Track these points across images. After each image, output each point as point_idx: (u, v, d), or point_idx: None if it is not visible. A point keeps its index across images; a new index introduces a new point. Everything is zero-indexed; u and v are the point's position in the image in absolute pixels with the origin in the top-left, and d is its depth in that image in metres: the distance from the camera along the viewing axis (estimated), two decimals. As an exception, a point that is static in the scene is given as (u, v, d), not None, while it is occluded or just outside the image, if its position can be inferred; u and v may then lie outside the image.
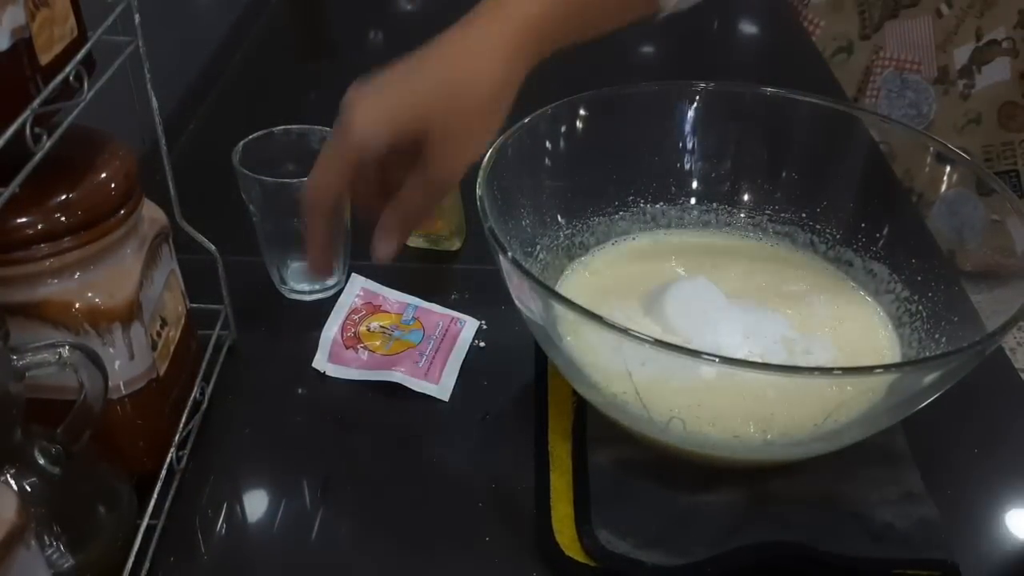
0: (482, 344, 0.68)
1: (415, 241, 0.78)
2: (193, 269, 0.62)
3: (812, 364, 0.57)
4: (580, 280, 0.65)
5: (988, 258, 0.59)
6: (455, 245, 0.78)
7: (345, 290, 0.69)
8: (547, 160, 0.65)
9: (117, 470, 0.52)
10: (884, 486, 0.55)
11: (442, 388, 0.63)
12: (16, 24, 0.42)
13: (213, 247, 0.62)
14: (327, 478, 0.58)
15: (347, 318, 0.67)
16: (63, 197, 0.48)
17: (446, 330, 0.67)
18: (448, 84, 0.51)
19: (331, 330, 0.66)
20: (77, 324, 0.49)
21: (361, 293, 0.69)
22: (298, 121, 0.70)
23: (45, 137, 0.43)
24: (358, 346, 0.65)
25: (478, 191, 0.56)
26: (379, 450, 0.60)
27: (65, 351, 0.45)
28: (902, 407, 0.53)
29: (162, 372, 0.56)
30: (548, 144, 0.64)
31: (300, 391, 0.64)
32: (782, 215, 0.68)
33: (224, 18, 1.17)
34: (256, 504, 0.57)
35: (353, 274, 0.71)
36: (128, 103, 0.56)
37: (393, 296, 0.69)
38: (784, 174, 0.68)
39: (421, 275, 0.76)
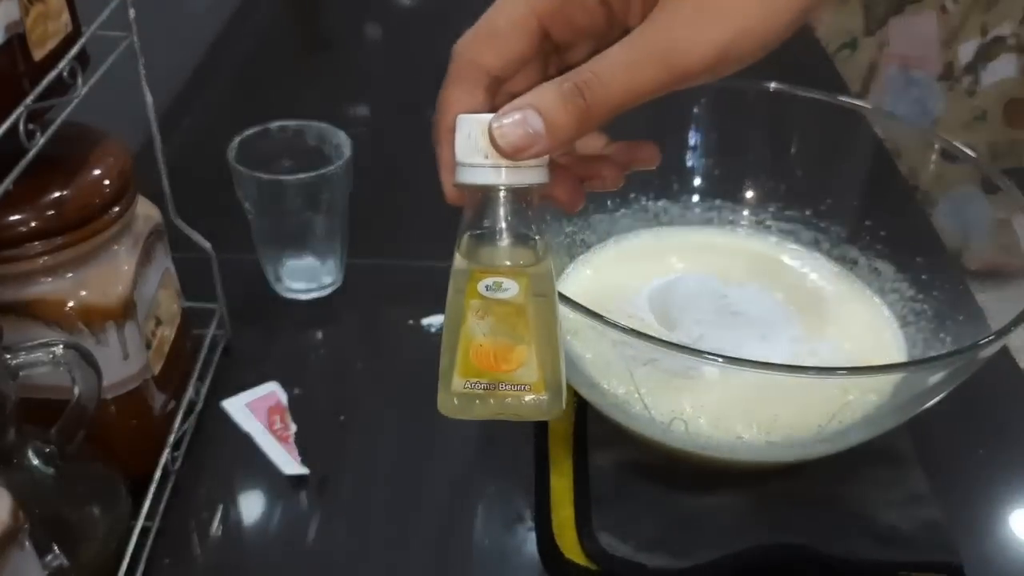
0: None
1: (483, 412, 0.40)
2: (188, 267, 0.61)
3: (817, 364, 0.57)
4: (581, 278, 0.64)
5: (994, 257, 0.59)
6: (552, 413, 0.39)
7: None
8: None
9: (111, 471, 0.52)
10: (888, 488, 0.55)
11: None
12: (10, 19, 0.42)
13: (208, 245, 0.62)
14: (324, 478, 0.57)
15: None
16: (56, 195, 0.48)
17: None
18: None
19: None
20: (71, 323, 0.49)
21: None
22: (294, 117, 0.70)
23: (39, 134, 0.43)
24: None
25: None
26: (377, 451, 0.60)
27: (59, 350, 0.44)
28: (907, 408, 0.52)
29: (157, 372, 0.55)
30: (548, 141, 0.63)
31: (296, 391, 0.63)
32: (786, 212, 0.67)
33: (219, 13, 1.16)
34: (252, 505, 0.57)
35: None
36: (123, 99, 0.55)
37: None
38: (788, 171, 0.68)
39: (419, 273, 0.75)
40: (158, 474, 0.54)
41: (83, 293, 0.49)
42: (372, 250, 0.76)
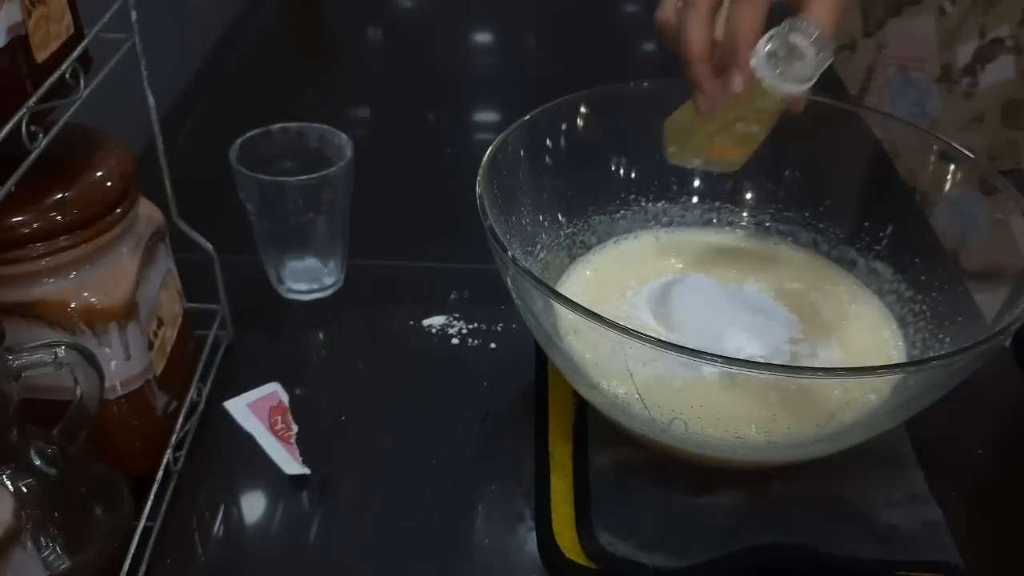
0: (480, 343, 0.68)
1: (692, 162, 0.62)
2: (190, 268, 0.61)
3: (816, 364, 0.57)
4: (581, 279, 0.65)
5: (992, 257, 0.59)
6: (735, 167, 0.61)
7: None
8: (548, 158, 0.65)
9: (114, 471, 0.52)
10: (888, 487, 0.55)
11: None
12: (12, 21, 0.42)
13: (210, 246, 0.62)
14: (325, 478, 0.58)
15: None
16: (59, 196, 0.48)
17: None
18: None
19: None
20: (73, 324, 0.49)
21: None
22: (296, 119, 0.70)
23: (41, 136, 0.43)
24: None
25: (477, 189, 0.55)
26: (377, 451, 0.60)
27: (61, 351, 0.44)
28: (906, 408, 0.52)
29: (159, 372, 0.55)
30: (549, 142, 0.64)
31: (297, 391, 0.63)
32: (785, 214, 0.68)
33: (221, 15, 1.16)
34: (253, 505, 0.57)
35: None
36: (125, 101, 0.55)
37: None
38: (787, 173, 0.68)
39: (420, 274, 0.76)
40: (160, 474, 0.54)
41: (85, 294, 0.49)
42: (373, 251, 0.76)
